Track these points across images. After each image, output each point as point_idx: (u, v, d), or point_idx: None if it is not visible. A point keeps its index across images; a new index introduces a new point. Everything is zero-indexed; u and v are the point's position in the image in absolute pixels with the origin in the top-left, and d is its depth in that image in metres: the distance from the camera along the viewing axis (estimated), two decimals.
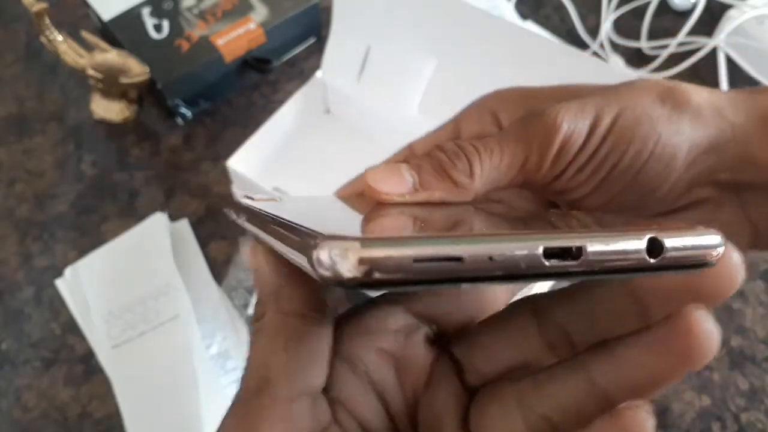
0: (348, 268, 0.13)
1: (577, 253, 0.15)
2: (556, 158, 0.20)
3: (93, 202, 0.56)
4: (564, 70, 0.45)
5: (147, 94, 0.61)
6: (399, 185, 0.19)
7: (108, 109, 0.59)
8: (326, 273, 0.13)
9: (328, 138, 0.57)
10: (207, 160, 0.58)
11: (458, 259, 0.14)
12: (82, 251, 0.52)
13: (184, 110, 0.59)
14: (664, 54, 0.59)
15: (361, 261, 0.13)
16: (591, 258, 0.15)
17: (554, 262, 0.15)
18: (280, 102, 0.55)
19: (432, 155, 0.20)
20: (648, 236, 0.15)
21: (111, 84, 0.57)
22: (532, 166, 0.20)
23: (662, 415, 0.45)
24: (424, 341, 0.19)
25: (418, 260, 0.14)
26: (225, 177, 0.55)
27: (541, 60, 0.45)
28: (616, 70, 0.44)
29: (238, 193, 0.14)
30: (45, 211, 0.56)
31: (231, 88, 0.61)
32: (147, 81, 0.57)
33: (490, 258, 0.14)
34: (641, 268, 0.15)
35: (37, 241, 0.54)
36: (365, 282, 0.13)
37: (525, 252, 0.15)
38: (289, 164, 0.55)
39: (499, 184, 0.21)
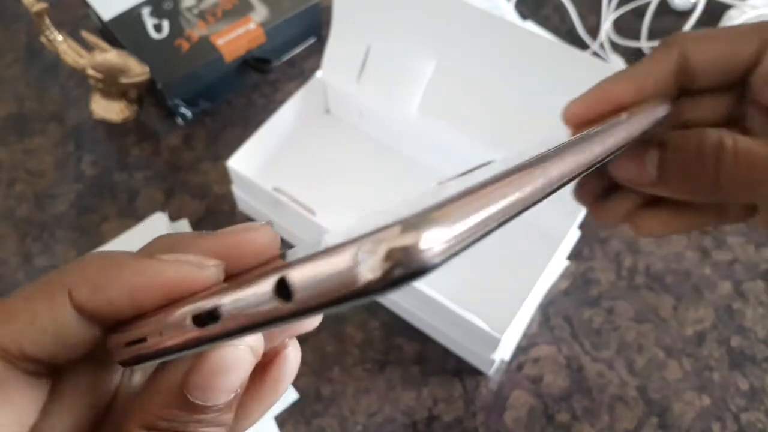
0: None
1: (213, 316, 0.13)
2: None
3: (93, 202, 0.56)
4: (564, 70, 0.45)
5: (147, 94, 0.61)
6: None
7: (108, 109, 0.59)
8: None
9: (328, 138, 0.57)
10: (207, 160, 0.58)
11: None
12: (82, 251, 0.52)
13: (184, 110, 0.59)
14: None
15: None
16: (229, 321, 0.13)
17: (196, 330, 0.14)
18: (280, 102, 0.55)
19: None
20: (274, 277, 0.12)
21: (111, 84, 0.57)
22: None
23: (662, 415, 0.45)
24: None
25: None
26: (225, 177, 0.55)
27: (541, 60, 0.45)
28: (616, 70, 0.44)
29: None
30: (45, 211, 0.56)
31: (231, 88, 0.61)
32: (147, 81, 0.57)
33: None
34: (279, 318, 0.12)
35: (37, 241, 0.54)
36: None
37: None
38: (289, 164, 0.55)
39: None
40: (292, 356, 0.18)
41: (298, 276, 0.12)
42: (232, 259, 0.16)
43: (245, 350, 0.15)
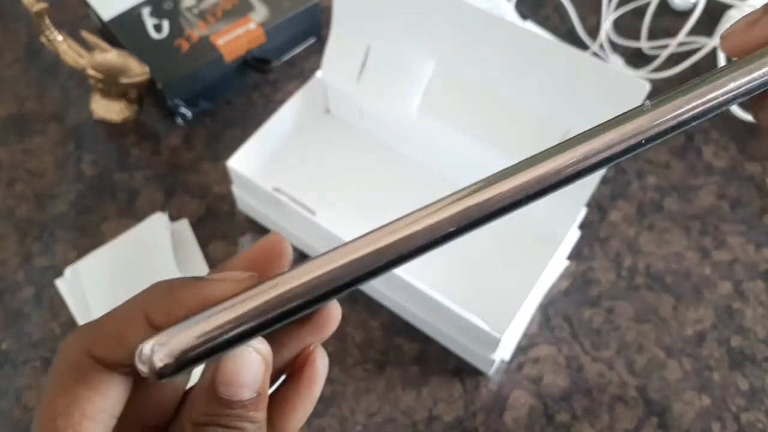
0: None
1: None
2: None
3: (93, 202, 0.56)
4: (564, 70, 0.45)
5: (147, 94, 0.61)
6: None
7: (108, 109, 0.59)
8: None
9: (328, 138, 0.57)
10: (207, 160, 0.58)
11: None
12: (82, 251, 0.52)
13: (184, 110, 0.59)
14: (664, 54, 0.59)
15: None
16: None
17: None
18: (280, 102, 0.55)
19: None
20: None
21: (111, 84, 0.57)
22: None
23: (662, 415, 0.45)
24: None
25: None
26: (225, 177, 0.55)
27: (541, 60, 0.45)
28: (616, 70, 0.44)
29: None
30: (45, 211, 0.56)
31: (231, 88, 0.61)
32: (147, 81, 0.57)
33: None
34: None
35: (37, 241, 0.54)
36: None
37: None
38: (289, 164, 0.55)
39: None
40: (320, 359, 0.22)
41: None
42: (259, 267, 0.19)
43: (253, 352, 0.19)
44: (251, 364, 0.18)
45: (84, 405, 0.18)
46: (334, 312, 0.20)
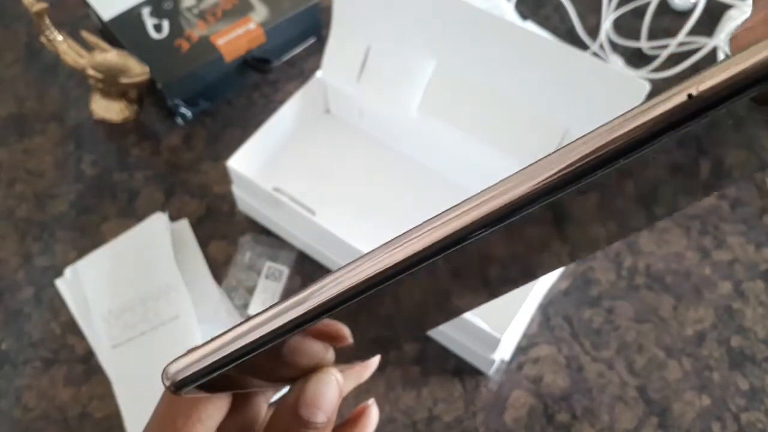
0: None
1: None
2: None
3: (93, 202, 0.56)
4: (564, 70, 0.45)
5: (147, 94, 0.61)
6: None
7: (108, 109, 0.59)
8: None
9: (328, 138, 0.57)
10: (207, 160, 0.58)
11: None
12: (82, 251, 0.52)
13: (184, 110, 0.59)
14: (664, 54, 0.59)
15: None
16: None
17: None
18: (280, 102, 0.55)
19: None
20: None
21: (111, 84, 0.57)
22: None
23: (662, 415, 0.45)
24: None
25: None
26: (225, 177, 0.55)
27: (541, 60, 0.45)
28: (616, 70, 0.44)
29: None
30: (45, 211, 0.56)
31: (231, 88, 0.61)
32: (147, 81, 0.57)
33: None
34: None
35: (37, 241, 0.54)
36: None
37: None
38: (289, 164, 0.55)
39: None
40: (373, 411, 0.27)
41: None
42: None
43: (334, 379, 0.22)
44: (330, 391, 0.22)
45: (200, 409, 0.21)
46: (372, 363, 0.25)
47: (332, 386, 0.22)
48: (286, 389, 0.23)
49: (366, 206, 0.52)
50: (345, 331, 0.21)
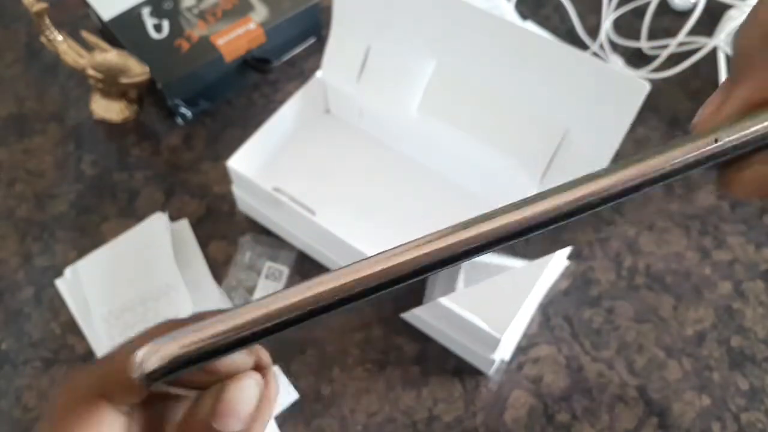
0: None
1: None
2: None
3: (93, 202, 0.56)
4: (564, 70, 0.45)
5: (147, 94, 0.61)
6: None
7: (108, 109, 0.59)
8: None
9: (328, 138, 0.57)
10: (207, 160, 0.58)
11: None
12: (82, 251, 0.52)
13: (184, 110, 0.59)
14: (664, 54, 0.59)
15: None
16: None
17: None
18: (280, 102, 0.55)
19: None
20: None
21: (111, 84, 0.57)
22: None
23: (662, 415, 0.45)
24: None
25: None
26: (225, 177, 0.55)
27: (541, 60, 0.45)
28: (616, 70, 0.44)
29: None
30: (45, 211, 0.56)
31: (231, 88, 0.61)
32: (147, 81, 0.57)
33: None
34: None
35: (37, 241, 0.54)
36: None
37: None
38: (289, 164, 0.55)
39: None
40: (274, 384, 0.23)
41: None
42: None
43: (254, 383, 0.20)
44: (249, 397, 0.20)
45: (100, 419, 0.19)
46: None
47: (250, 391, 0.20)
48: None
49: (366, 206, 0.52)
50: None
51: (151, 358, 0.18)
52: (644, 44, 0.62)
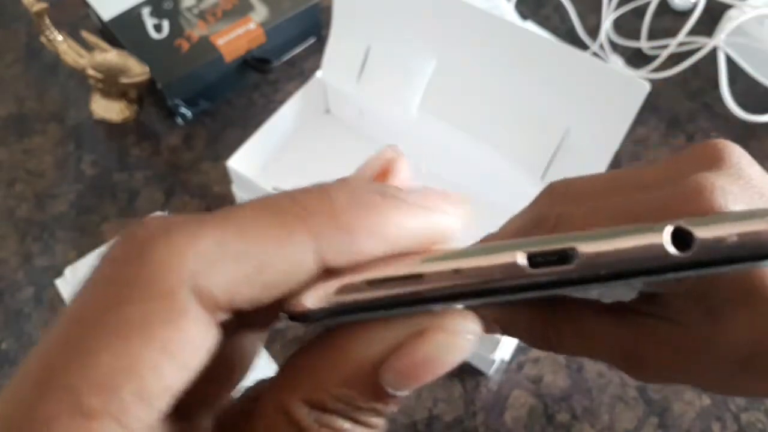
0: None
1: (568, 255, 0.13)
2: None
3: (93, 202, 0.56)
4: (564, 70, 0.45)
5: (147, 94, 0.61)
6: None
7: (108, 109, 0.59)
8: None
9: (328, 138, 0.57)
10: (207, 160, 0.58)
11: (417, 276, 0.13)
12: (82, 251, 0.52)
13: (184, 110, 0.59)
14: (664, 54, 0.59)
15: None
16: (588, 260, 0.13)
17: (541, 270, 0.13)
18: (280, 102, 0.55)
19: None
20: (670, 227, 0.13)
21: (111, 84, 0.57)
22: None
23: (662, 415, 0.45)
24: None
25: (372, 282, 0.13)
26: (225, 177, 0.55)
27: (541, 60, 0.45)
28: (616, 70, 0.44)
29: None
30: (45, 211, 0.56)
31: (231, 88, 0.61)
32: (147, 81, 0.57)
33: (456, 271, 0.13)
34: (665, 267, 0.13)
35: (37, 241, 0.54)
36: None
37: (501, 260, 0.13)
38: (289, 164, 0.55)
39: None
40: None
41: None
42: None
43: (471, 341, 0.14)
44: (459, 353, 0.13)
45: (174, 346, 0.12)
46: None
47: (469, 345, 0.14)
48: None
49: None
50: None
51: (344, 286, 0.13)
52: (644, 44, 0.62)
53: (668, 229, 0.13)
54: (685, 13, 0.62)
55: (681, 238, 0.13)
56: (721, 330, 0.18)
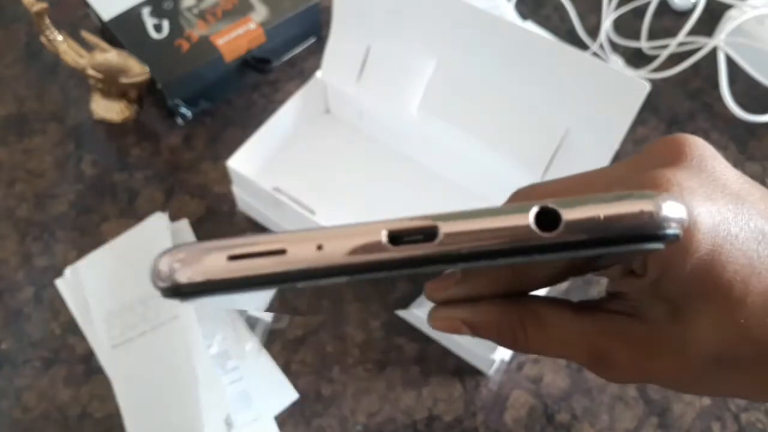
0: None
1: (430, 233, 0.13)
2: None
3: (93, 202, 0.56)
4: (564, 70, 0.45)
5: (147, 94, 0.61)
6: None
7: (108, 109, 0.59)
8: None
9: (328, 138, 0.57)
10: (207, 160, 0.58)
11: (280, 251, 0.13)
12: (82, 251, 0.52)
13: (184, 110, 0.59)
14: (664, 54, 0.59)
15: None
16: (449, 239, 0.13)
17: (402, 247, 0.13)
18: (280, 102, 0.55)
19: None
20: (535, 208, 0.13)
21: (111, 84, 0.57)
22: None
23: (662, 415, 0.45)
24: None
25: (233, 257, 0.13)
26: (225, 177, 0.55)
27: (541, 60, 0.45)
28: (616, 70, 0.44)
29: None
30: (45, 211, 0.56)
31: (231, 88, 0.61)
32: (147, 81, 0.57)
33: (319, 247, 0.13)
34: (530, 248, 0.13)
35: (37, 241, 0.54)
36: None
37: (364, 240, 0.13)
38: (289, 164, 0.55)
39: None
40: None
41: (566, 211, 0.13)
42: None
43: None
44: None
45: None
46: None
47: None
48: None
49: (366, 206, 0.52)
50: None
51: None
52: (644, 44, 0.62)
53: (534, 210, 0.13)
54: (685, 13, 0.62)
55: (551, 219, 0.13)
56: (687, 329, 0.19)
